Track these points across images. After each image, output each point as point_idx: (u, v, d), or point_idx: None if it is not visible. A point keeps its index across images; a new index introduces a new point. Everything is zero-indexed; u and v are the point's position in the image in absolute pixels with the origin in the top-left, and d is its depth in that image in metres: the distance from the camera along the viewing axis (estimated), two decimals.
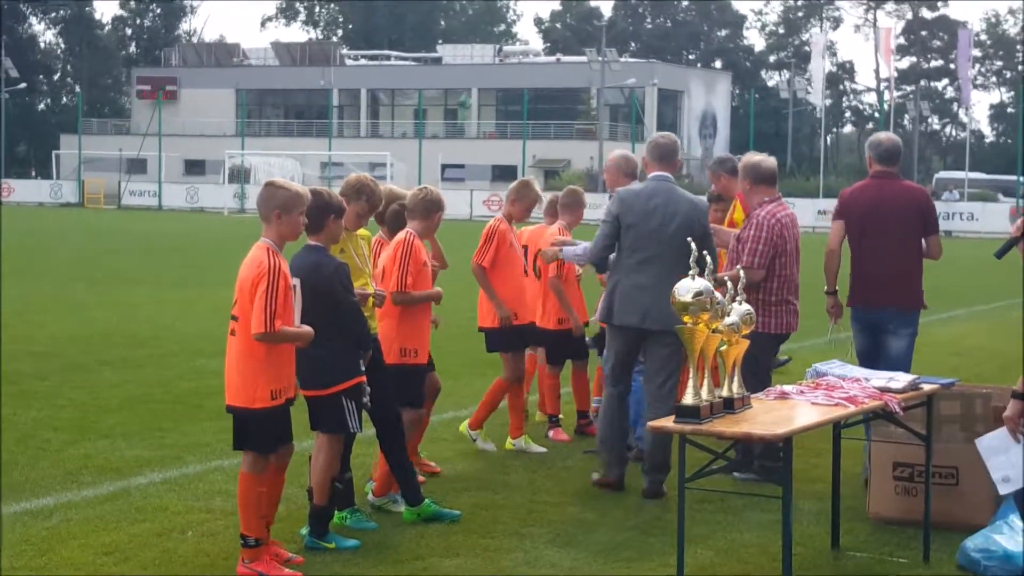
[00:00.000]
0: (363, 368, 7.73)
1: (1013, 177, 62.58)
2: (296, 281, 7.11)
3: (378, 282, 8.49)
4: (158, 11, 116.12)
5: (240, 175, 71.21)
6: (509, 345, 10.28)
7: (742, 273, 7.13)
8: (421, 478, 8.39)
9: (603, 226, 9.17)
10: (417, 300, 8.59)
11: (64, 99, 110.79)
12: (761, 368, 9.32)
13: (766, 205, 9.55)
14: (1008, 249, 6.60)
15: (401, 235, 8.68)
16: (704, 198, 10.11)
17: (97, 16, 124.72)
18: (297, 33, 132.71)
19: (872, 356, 9.45)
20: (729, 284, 6.75)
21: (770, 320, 9.46)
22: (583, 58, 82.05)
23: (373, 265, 8.62)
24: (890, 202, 9.52)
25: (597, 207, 60.52)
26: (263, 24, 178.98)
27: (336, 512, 7.95)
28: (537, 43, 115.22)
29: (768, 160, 9.74)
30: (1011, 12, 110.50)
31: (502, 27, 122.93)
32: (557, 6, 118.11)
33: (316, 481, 7.69)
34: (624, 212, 9.04)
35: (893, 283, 9.48)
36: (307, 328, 7.11)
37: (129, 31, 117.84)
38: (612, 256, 9.20)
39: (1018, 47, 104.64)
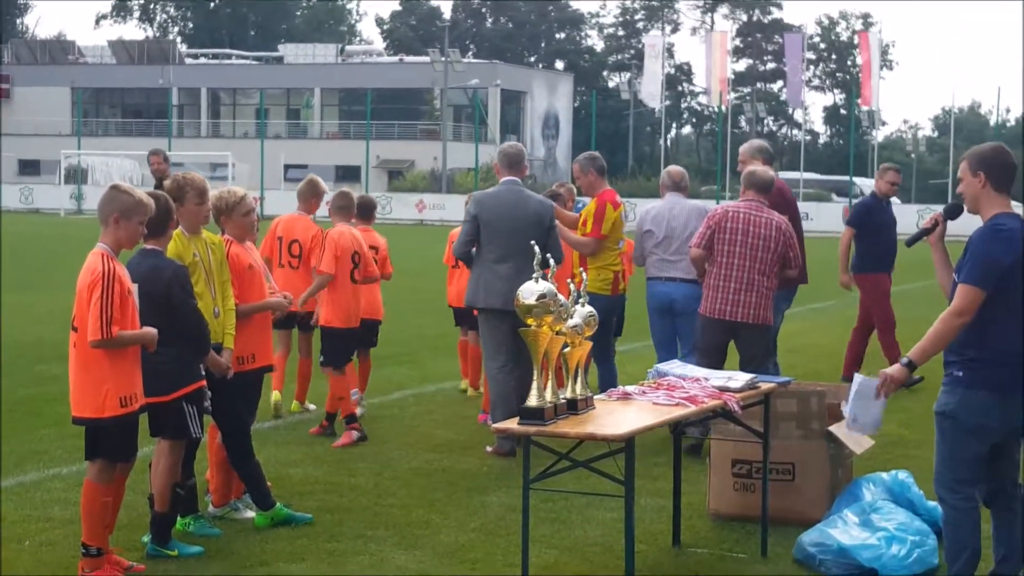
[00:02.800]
0: (203, 373, 7.66)
1: (846, 177, 64.11)
2: (135, 285, 7.01)
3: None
4: None
5: (77, 175, 69.52)
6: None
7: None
8: (268, 483, 8.33)
9: (465, 225, 10.53)
10: (247, 312, 8.26)
11: None
12: (698, 345, 10.26)
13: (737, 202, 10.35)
14: (919, 239, 7.06)
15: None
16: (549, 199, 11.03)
17: None
18: (134, 31, 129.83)
19: None
20: (572, 286, 6.83)
21: (704, 302, 10.18)
22: (426, 59, 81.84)
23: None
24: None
25: (439, 207, 60.10)
26: (97, 22, 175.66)
27: (179, 519, 7.86)
28: (380, 43, 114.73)
29: (760, 171, 10.41)
30: (843, 16, 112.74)
31: (344, 27, 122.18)
32: (397, 6, 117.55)
33: (157, 488, 7.59)
34: (481, 212, 10.36)
35: None
36: (149, 329, 7.01)
37: None
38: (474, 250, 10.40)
39: (851, 50, 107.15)
